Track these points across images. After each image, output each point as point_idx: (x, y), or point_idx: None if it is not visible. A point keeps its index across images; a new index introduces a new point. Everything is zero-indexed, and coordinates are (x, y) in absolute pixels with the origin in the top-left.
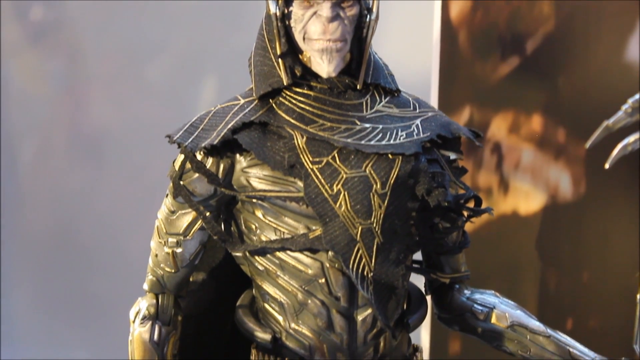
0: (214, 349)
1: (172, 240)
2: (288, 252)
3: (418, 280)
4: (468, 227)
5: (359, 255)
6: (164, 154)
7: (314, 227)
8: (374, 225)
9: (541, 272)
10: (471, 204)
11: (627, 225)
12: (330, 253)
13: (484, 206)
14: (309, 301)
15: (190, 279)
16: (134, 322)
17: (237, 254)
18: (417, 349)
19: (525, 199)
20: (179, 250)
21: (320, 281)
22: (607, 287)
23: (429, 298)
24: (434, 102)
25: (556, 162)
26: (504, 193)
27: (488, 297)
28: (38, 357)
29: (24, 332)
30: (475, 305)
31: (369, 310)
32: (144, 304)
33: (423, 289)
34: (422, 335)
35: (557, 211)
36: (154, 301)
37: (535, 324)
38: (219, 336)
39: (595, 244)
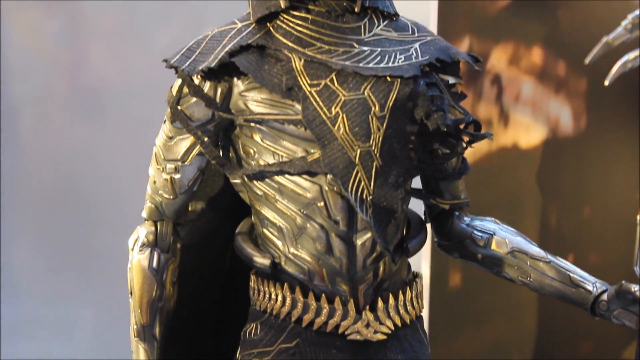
0: (213, 277)
1: (170, 166)
2: (286, 175)
3: (418, 208)
4: (468, 158)
5: (357, 178)
6: (165, 111)
7: (312, 150)
8: (373, 148)
9: (542, 207)
10: (470, 130)
11: (628, 162)
12: (329, 176)
13: (482, 141)
14: (308, 225)
15: (189, 209)
16: (132, 250)
17: (236, 181)
18: (416, 275)
19: (526, 132)
20: (177, 176)
21: (319, 205)
22: (608, 223)
23: (428, 226)
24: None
25: (556, 96)
26: (504, 125)
27: (488, 223)
28: (40, 314)
29: (26, 288)
30: (475, 232)
31: (368, 235)
32: (142, 232)
33: (423, 217)
34: (423, 267)
35: (558, 145)
36: (153, 229)
37: (535, 249)
38: (219, 265)
39: (597, 179)
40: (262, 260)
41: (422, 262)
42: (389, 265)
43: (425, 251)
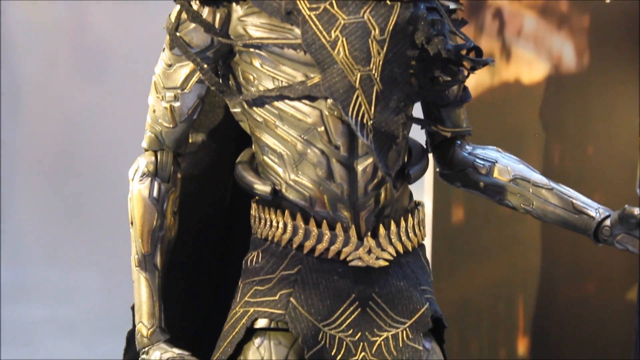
0: (215, 209)
1: (169, 94)
2: (286, 101)
3: (420, 138)
4: (470, 92)
5: (358, 102)
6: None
7: (312, 75)
8: (373, 72)
9: (545, 144)
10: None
11: (631, 99)
12: (329, 101)
13: (483, 75)
14: (308, 151)
15: (190, 140)
16: (132, 180)
17: (236, 110)
18: (418, 204)
19: (528, 68)
20: (176, 104)
21: (319, 130)
22: (611, 161)
23: (430, 156)
24: None
25: (559, 32)
26: (506, 60)
27: (490, 151)
28: (42, 278)
29: (28, 251)
30: (477, 160)
31: (369, 160)
32: (142, 162)
33: (424, 146)
34: (425, 203)
35: (561, 82)
36: (153, 158)
37: (537, 177)
38: (220, 197)
39: (600, 117)
40: (262, 188)
41: (424, 197)
42: (390, 192)
43: (428, 186)
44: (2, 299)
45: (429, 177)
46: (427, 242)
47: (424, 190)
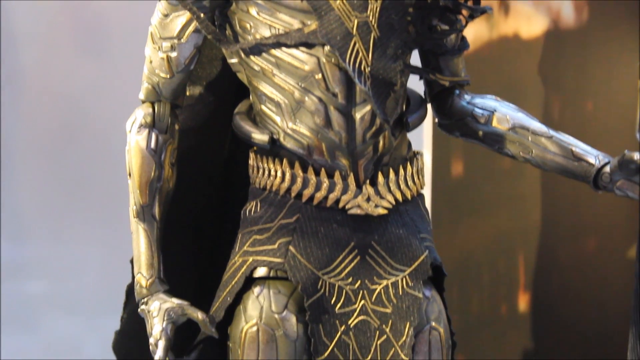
0: (213, 162)
1: (166, 44)
2: (283, 48)
3: (418, 89)
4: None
5: (355, 49)
6: None
7: (309, 22)
8: (370, 18)
9: (544, 100)
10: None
11: (630, 55)
12: (326, 48)
13: (482, 28)
14: (306, 98)
15: (187, 93)
16: (130, 132)
17: (233, 60)
18: (417, 153)
19: (527, 22)
20: (173, 54)
21: (316, 77)
22: (611, 118)
23: (429, 107)
24: None
25: None
26: (504, 14)
27: (489, 101)
28: (43, 254)
29: (28, 228)
30: (476, 109)
31: (368, 108)
32: (140, 113)
33: (423, 96)
34: (424, 156)
35: (560, 37)
36: (150, 110)
37: (536, 125)
38: (218, 150)
39: (600, 73)
40: (260, 137)
41: (423, 151)
42: (388, 140)
43: (427, 140)
44: (2, 276)
45: (427, 131)
46: (427, 197)
47: (423, 143)
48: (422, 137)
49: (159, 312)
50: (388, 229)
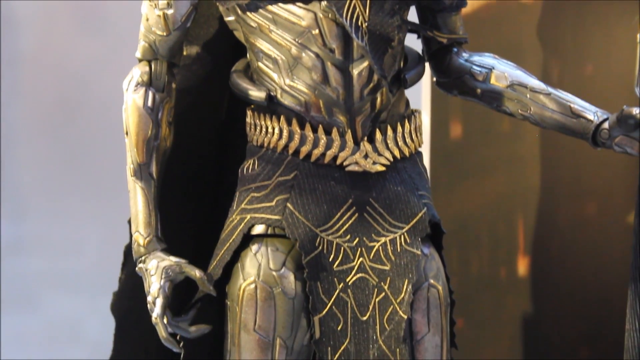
0: (211, 122)
1: (162, 2)
2: (280, 4)
3: (416, 48)
4: (466, 8)
5: (352, 4)
6: None
7: None
8: None
9: (543, 63)
10: None
11: (630, 17)
12: (323, 3)
13: None
14: (303, 54)
15: (184, 53)
16: (127, 90)
17: (230, 18)
18: (415, 111)
19: None
20: (170, 11)
21: (313, 32)
22: (610, 81)
23: (427, 68)
24: None
25: None
26: None
27: (486, 58)
28: (43, 231)
29: (28, 205)
30: (474, 67)
31: (365, 64)
32: (136, 72)
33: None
34: (423, 118)
35: None
36: (147, 68)
37: (535, 82)
38: (216, 110)
39: (599, 35)
40: (257, 94)
41: (422, 113)
42: (386, 96)
43: (425, 102)
44: (2, 254)
45: (426, 92)
46: (425, 159)
47: (421, 105)
48: (421, 98)
49: (157, 270)
50: (386, 186)
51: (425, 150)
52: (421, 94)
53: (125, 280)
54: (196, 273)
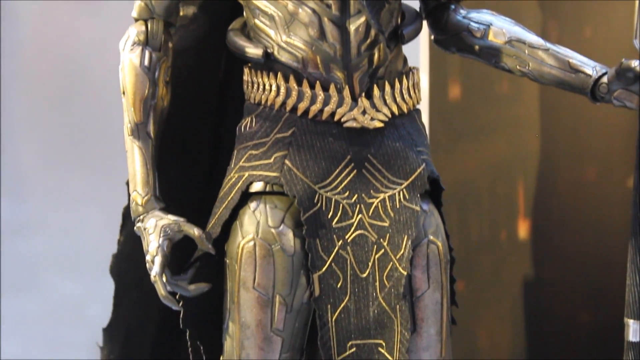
0: (208, 83)
1: None
2: None
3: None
4: None
5: None
6: None
7: None
8: None
9: (542, 25)
10: None
11: None
12: None
13: None
14: (300, 10)
15: (181, 13)
16: (123, 50)
17: None
18: (413, 68)
19: None
20: None
21: None
22: (609, 44)
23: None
24: None
25: None
26: None
27: (484, 15)
28: (43, 212)
29: (28, 185)
30: (472, 24)
31: (362, 19)
32: (132, 31)
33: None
34: (421, 79)
35: None
36: (143, 28)
37: (533, 38)
38: (214, 71)
39: None
40: (254, 51)
41: (421, 74)
42: (383, 52)
43: (424, 63)
44: (2, 234)
45: (424, 53)
46: (424, 120)
47: (419, 66)
48: (419, 59)
49: (155, 229)
50: (384, 142)
51: (424, 111)
52: (419, 54)
53: (123, 242)
54: (195, 231)
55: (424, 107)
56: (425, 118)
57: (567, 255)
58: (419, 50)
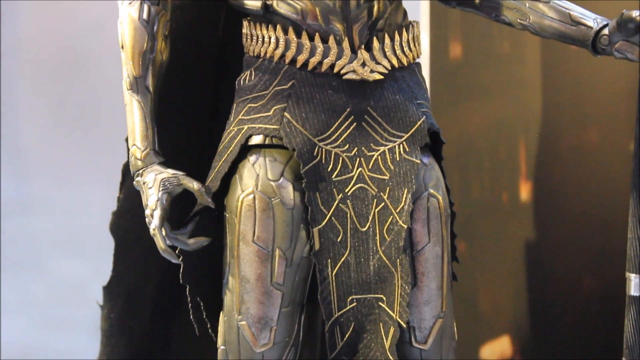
0: (208, 38)
1: None
2: None
3: None
4: None
5: None
6: None
7: None
8: None
9: None
10: None
11: None
12: None
13: None
14: None
15: None
16: (122, 4)
17: None
18: (413, 22)
19: None
20: None
21: None
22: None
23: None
24: None
25: None
26: None
27: None
28: (45, 191)
29: (30, 163)
30: None
31: None
32: None
33: None
34: (422, 38)
35: None
36: None
37: None
38: (213, 26)
39: None
40: (253, 3)
41: (422, 35)
42: (383, 4)
43: (424, 22)
44: (2, 214)
45: (424, 12)
46: (426, 76)
47: (420, 25)
48: (419, 18)
49: (155, 182)
50: (384, 95)
51: (425, 71)
52: (420, 13)
53: (123, 199)
54: (194, 185)
55: (424, 65)
56: (426, 78)
57: (568, 217)
58: (419, 10)
